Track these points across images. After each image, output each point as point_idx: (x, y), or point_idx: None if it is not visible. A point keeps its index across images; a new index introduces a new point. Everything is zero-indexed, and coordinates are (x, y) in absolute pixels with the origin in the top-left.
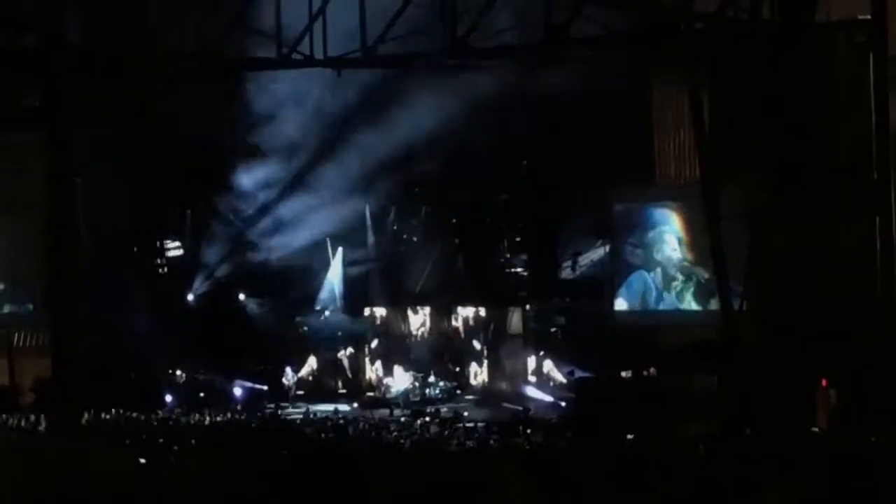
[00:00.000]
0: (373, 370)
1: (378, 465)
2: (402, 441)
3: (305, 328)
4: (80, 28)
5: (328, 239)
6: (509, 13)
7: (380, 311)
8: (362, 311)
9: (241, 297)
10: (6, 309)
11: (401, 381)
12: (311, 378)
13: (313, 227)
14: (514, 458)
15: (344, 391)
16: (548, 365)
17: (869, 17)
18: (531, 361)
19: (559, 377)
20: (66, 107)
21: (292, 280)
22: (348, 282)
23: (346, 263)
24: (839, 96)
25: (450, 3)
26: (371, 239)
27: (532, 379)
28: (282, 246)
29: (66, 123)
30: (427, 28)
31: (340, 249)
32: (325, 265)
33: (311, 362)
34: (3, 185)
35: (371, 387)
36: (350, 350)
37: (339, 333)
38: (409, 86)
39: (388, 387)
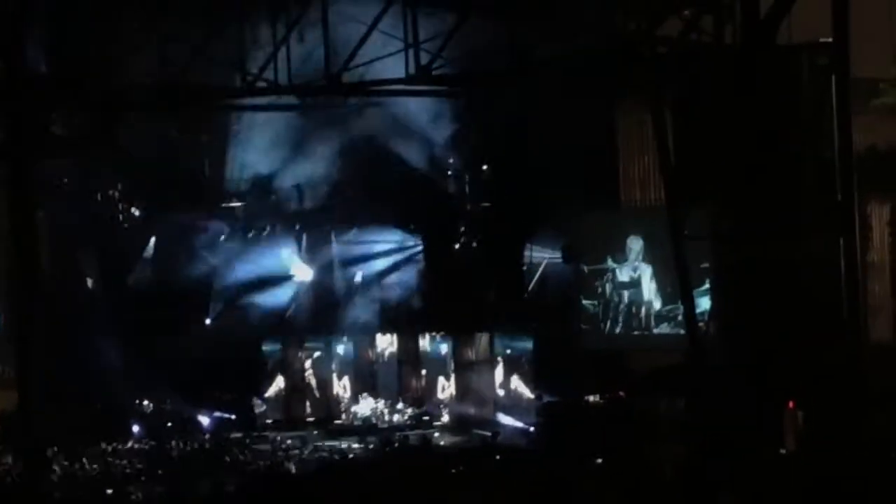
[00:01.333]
0: (340, 386)
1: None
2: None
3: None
4: (42, 58)
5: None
6: (473, 39)
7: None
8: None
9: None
10: None
11: (368, 407)
12: (278, 399)
13: (275, 253)
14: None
15: (312, 419)
16: (516, 388)
17: (830, 39)
18: (499, 386)
19: (528, 399)
20: (29, 139)
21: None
22: (314, 310)
23: (313, 290)
24: (803, 118)
25: (414, 31)
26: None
27: (501, 404)
28: (241, 275)
29: (30, 156)
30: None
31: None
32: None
33: (279, 382)
34: None
35: (338, 413)
36: (316, 370)
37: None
38: (367, 111)
39: (355, 414)
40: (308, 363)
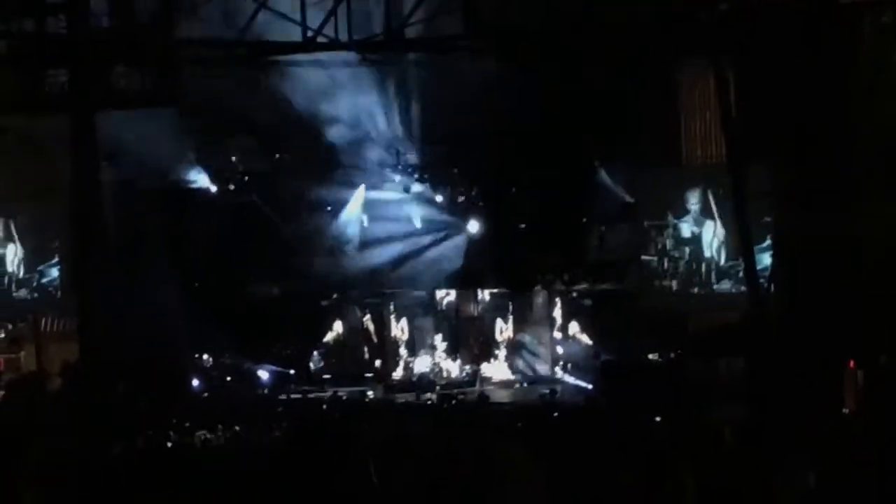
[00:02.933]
0: (398, 336)
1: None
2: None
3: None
4: (105, 12)
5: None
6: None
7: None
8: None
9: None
10: (33, 295)
11: (425, 363)
12: (335, 345)
13: (339, 212)
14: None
15: (370, 374)
16: (574, 346)
17: None
18: (557, 344)
19: (587, 357)
20: (92, 92)
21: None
22: (372, 266)
23: (372, 242)
24: (864, 77)
25: None
26: (395, 221)
27: (559, 362)
28: (308, 233)
29: (92, 109)
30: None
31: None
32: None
33: (337, 327)
34: (29, 173)
35: (395, 362)
36: (375, 320)
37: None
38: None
39: (412, 370)
40: (367, 315)
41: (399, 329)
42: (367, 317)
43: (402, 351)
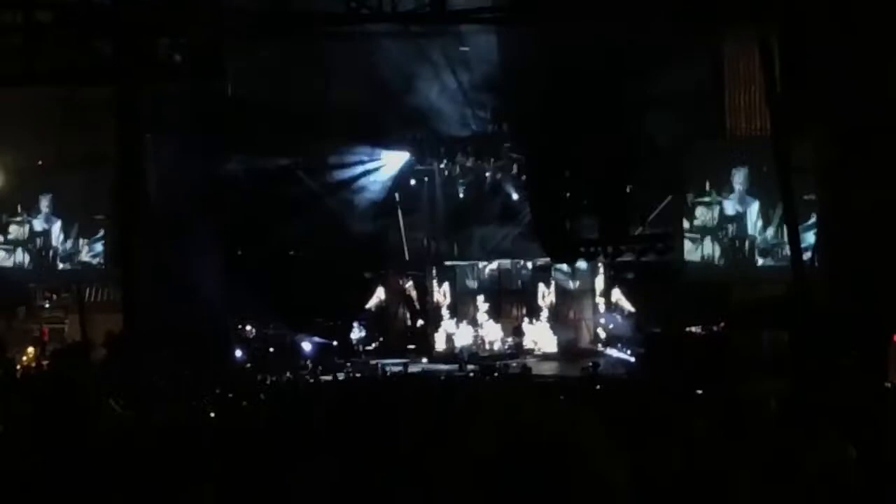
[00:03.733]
0: (440, 292)
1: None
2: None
3: None
4: None
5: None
6: None
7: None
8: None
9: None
10: (78, 265)
11: (468, 335)
12: (378, 310)
13: (378, 185)
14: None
15: (412, 346)
16: (617, 317)
17: None
18: (600, 316)
19: (630, 329)
20: (136, 65)
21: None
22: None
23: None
24: None
25: None
26: (438, 194)
27: (602, 334)
28: (348, 204)
29: (137, 82)
30: None
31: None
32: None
33: (380, 293)
34: (73, 141)
35: (437, 328)
36: (417, 281)
37: None
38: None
39: (454, 341)
40: (410, 282)
41: (441, 294)
42: (410, 283)
43: (445, 312)
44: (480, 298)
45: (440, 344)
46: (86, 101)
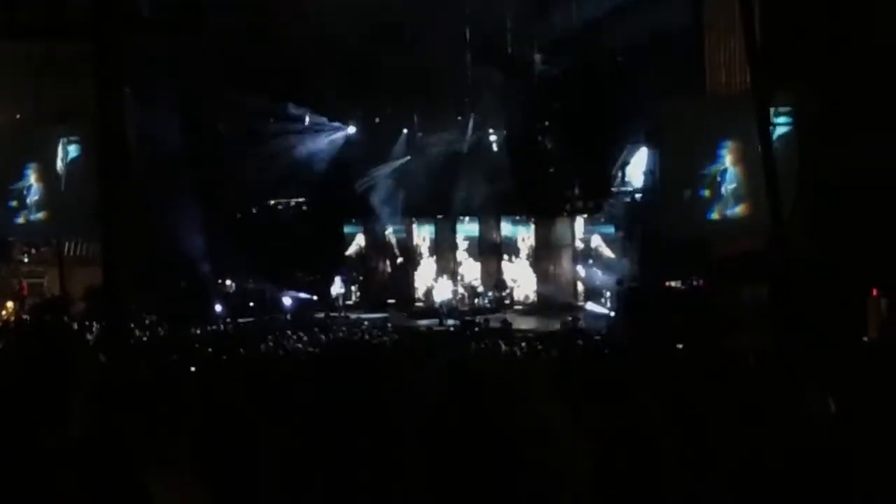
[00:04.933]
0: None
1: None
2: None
3: None
4: None
5: None
6: None
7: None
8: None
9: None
10: (57, 219)
11: (449, 290)
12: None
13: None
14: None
15: (392, 301)
16: (597, 272)
17: None
18: (580, 271)
19: (609, 284)
20: (115, 18)
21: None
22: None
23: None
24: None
25: None
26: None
27: (582, 289)
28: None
29: (116, 35)
30: None
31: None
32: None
33: (359, 240)
34: (53, 96)
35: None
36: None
37: None
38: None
39: (435, 296)
40: (390, 228)
41: (421, 238)
42: (390, 230)
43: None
44: (461, 237)
45: (420, 295)
46: (64, 56)
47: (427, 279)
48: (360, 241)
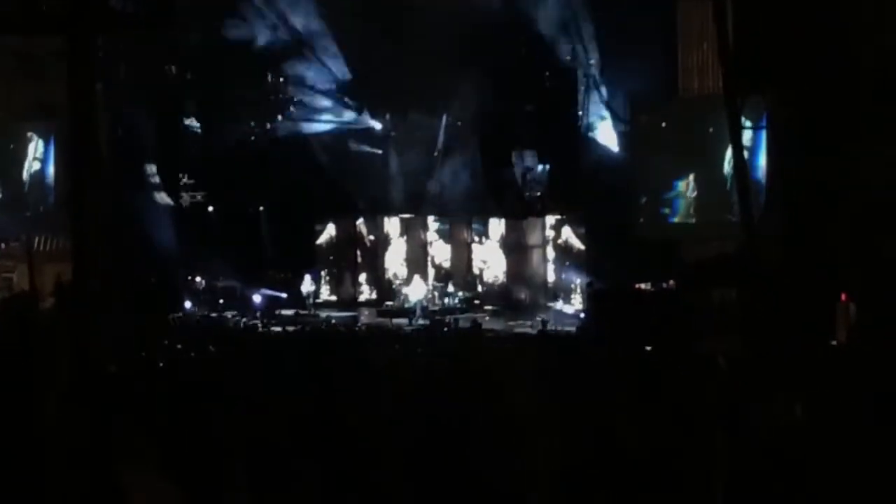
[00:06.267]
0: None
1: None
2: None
3: None
4: None
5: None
6: None
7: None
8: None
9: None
10: (27, 214)
11: (419, 289)
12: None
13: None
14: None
15: (362, 299)
16: (567, 273)
17: None
18: (550, 272)
19: (579, 285)
20: (88, 14)
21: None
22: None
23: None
24: (866, 12)
25: None
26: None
27: (551, 289)
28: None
29: (89, 31)
30: None
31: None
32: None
33: (330, 229)
34: (25, 93)
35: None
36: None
37: None
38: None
39: (406, 296)
40: (360, 219)
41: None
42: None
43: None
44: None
45: (390, 296)
46: (38, 53)
47: (398, 269)
48: (330, 230)
